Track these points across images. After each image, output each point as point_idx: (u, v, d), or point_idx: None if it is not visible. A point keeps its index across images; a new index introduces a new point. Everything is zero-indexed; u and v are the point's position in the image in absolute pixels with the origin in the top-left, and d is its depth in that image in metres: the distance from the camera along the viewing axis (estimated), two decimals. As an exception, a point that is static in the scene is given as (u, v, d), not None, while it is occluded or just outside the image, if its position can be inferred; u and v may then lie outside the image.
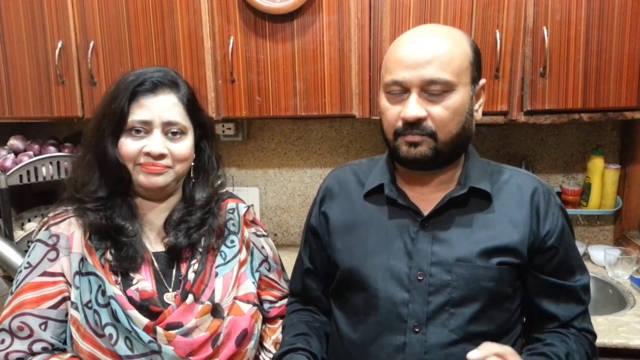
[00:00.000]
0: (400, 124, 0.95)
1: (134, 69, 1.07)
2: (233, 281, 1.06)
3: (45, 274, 0.98)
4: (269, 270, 1.17)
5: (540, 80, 1.56)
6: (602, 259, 1.75)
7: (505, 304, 0.99)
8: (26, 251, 1.03)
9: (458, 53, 0.94)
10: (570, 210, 1.84)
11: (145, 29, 1.69)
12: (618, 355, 1.32)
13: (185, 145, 1.03)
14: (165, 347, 0.94)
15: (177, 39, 1.68)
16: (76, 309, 0.96)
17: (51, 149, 1.87)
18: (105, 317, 0.95)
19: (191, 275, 1.03)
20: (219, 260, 1.07)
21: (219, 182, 1.16)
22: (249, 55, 1.67)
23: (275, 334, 1.16)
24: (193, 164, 1.08)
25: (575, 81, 1.55)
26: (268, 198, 2.17)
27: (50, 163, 1.78)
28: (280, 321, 1.18)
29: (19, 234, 1.75)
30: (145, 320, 0.94)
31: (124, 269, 0.99)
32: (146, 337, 0.93)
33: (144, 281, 1.00)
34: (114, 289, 0.95)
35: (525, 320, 1.08)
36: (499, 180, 1.04)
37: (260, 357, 1.13)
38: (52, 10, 1.73)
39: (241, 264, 1.10)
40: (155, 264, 1.04)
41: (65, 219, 1.02)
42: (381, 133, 1.02)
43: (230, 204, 1.15)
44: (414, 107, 0.92)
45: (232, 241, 1.11)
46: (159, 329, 0.94)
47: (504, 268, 0.96)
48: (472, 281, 0.95)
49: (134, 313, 0.94)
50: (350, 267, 1.03)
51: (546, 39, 1.53)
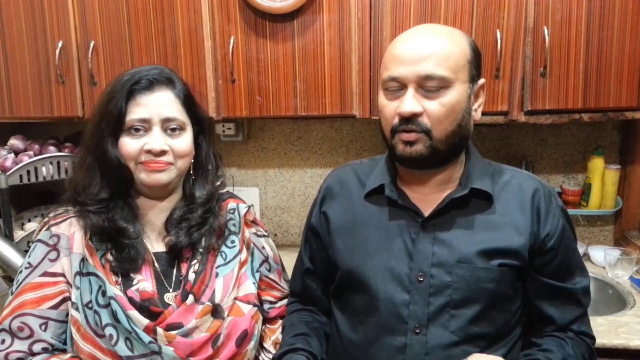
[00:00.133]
0: (396, 120, 0.95)
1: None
2: (233, 282, 1.06)
3: (45, 274, 0.98)
4: (269, 270, 1.17)
5: (540, 80, 1.56)
6: (602, 259, 1.75)
7: (505, 305, 0.98)
8: (26, 251, 1.03)
9: (455, 50, 0.94)
10: (570, 211, 1.82)
11: (146, 28, 1.69)
12: (618, 355, 1.32)
13: (185, 141, 1.03)
14: (165, 348, 0.94)
15: (178, 39, 1.68)
16: (76, 309, 0.96)
17: (51, 148, 1.86)
18: (105, 318, 0.95)
19: (191, 276, 1.03)
20: (220, 260, 1.07)
21: (219, 182, 1.16)
22: (249, 55, 1.67)
23: (275, 334, 1.16)
24: (192, 161, 1.08)
25: (576, 81, 1.55)
26: (268, 198, 2.17)
27: (51, 163, 1.78)
28: (280, 321, 1.18)
29: (19, 234, 1.75)
30: (145, 321, 0.94)
31: (125, 270, 0.99)
32: (146, 338, 0.93)
33: (144, 282, 1.00)
34: (114, 290, 0.95)
35: (525, 322, 1.07)
36: (500, 181, 1.03)
37: (260, 358, 1.13)
38: (53, 9, 1.73)
39: (242, 264, 1.10)
40: (156, 264, 1.04)
41: (65, 219, 1.02)
42: (380, 132, 1.02)
43: (231, 204, 1.15)
44: (409, 102, 0.92)
45: (233, 241, 1.10)
46: (159, 330, 0.94)
47: (505, 269, 0.96)
48: (473, 282, 0.95)
49: (134, 314, 0.94)
50: (351, 268, 1.03)
51: (547, 38, 1.52)
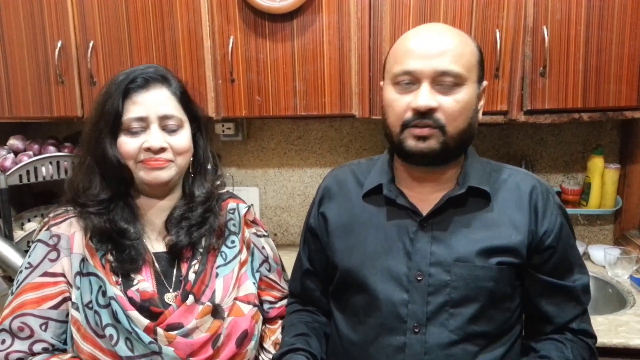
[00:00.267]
0: (409, 114, 0.94)
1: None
2: (233, 282, 1.06)
3: (46, 274, 0.98)
4: (269, 270, 1.17)
5: (540, 80, 1.56)
6: (602, 258, 1.75)
7: (504, 304, 0.98)
8: (26, 251, 1.03)
9: (468, 49, 0.96)
10: (570, 210, 1.83)
11: (145, 28, 1.69)
12: (618, 354, 1.32)
13: (184, 138, 1.03)
14: (165, 348, 0.94)
15: (177, 39, 1.68)
16: (77, 309, 0.96)
17: (51, 148, 1.86)
18: (105, 318, 0.95)
19: (192, 276, 1.03)
20: (220, 260, 1.07)
21: (218, 182, 1.16)
22: (248, 54, 1.67)
23: (274, 334, 1.15)
24: (192, 159, 1.08)
25: (575, 80, 1.55)
26: (268, 198, 2.17)
27: (50, 163, 1.78)
28: (279, 322, 1.18)
29: (18, 234, 1.75)
30: (145, 321, 0.94)
31: (125, 270, 0.99)
32: (146, 338, 0.93)
33: (144, 282, 1.00)
34: (114, 290, 0.96)
35: (524, 321, 1.07)
36: (498, 179, 1.03)
37: (260, 358, 1.13)
38: (52, 10, 1.72)
39: (242, 264, 1.10)
40: (156, 264, 1.04)
41: (66, 220, 1.02)
42: (384, 128, 1.01)
43: (231, 204, 1.15)
44: (426, 96, 0.91)
45: (233, 241, 1.10)
46: (160, 330, 0.94)
47: (504, 268, 0.96)
48: (472, 281, 0.95)
49: (135, 314, 0.94)
50: (350, 268, 1.03)
51: (546, 38, 1.52)
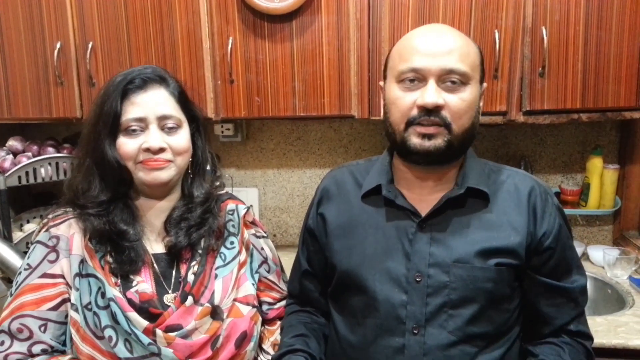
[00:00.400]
0: (415, 112, 0.94)
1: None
2: (232, 283, 1.06)
3: (45, 275, 0.98)
4: (268, 271, 1.17)
5: (539, 80, 1.56)
6: (601, 259, 1.76)
7: (503, 305, 0.98)
8: (25, 252, 1.03)
9: (472, 50, 0.97)
10: (569, 211, 1.84)
11: (144, 29, 1.69)
12: (617, 355, 1.32)
13: (183, 137, 1.03)
14: (164, 350, 0.94)
15: (176, 40, 1.68)
16: (76, 310, 0.96)
17: (50, 149, 1.86)
18: (104, 319, 0.95)
19: (191, 277, 1.03)
20: (219, 261, 1.07)
21: (217, 183, 1.16)
22: (247, 55, 1.67)
23: (273, 335, 1.15)
24: (190, 159, 1.07)
25: (574, 81, 1.55)
26: (267, 199, 2.17)
27: (49, 164, 1.78)
28: (278, 323, 1.18)
29: (17, 235, 1.75)
30: (144, 323, 0.94)
31: (125, 271, 0.99)
32: (145, 340, 0.93)
33: (143, 283, 1.00)
34: (113, 291, 0.95)
35: (523, 322, 1.07)
36: (497, 180, 1.04)
37: (259, 359, 1.12)
38: (51, 10, 1.72)
39: (241, 265, 1.09)
40: (155, 265, 1.04)
41: (65, 221, 1.02)
42: (385, 127, 1.01)
43: (230, 205, 1.15)
44: (433, 94, 0.92)
45: (232, 242, 1.10)
46: (159, 331, 0.94)
47: (502, 269, 0.96)
48: (470, 282, 0.95)
49: (134, 315, 0.94)
50: (348, 269, 1.03)
51: (545, 39, 1.52)
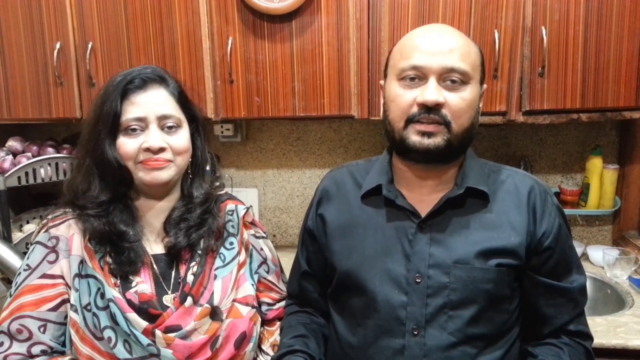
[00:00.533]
0: (415, 109, 0.94)
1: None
2: (232, 283, 1.06)
3: (44, 276, 0.98)
4: (267, 272, 1.17)
5: (538, 80, 1.56)
6: (601, 259, 1.76)
7: (503, 306, 0.98)
8: (25, 253, 1.03)
9: (473, 49, 0.97)
10: (568, 211, 1.84)
11: (144, 29, 1.69)
12: (616, 355, 1.32)
13: (183, 137, 1.03)
14: (164, 350, 0.94)
15: (176, 40, 1.68)
16: (75, 311, 0.96)
17: (50, 150, 1.86)
18: (104, 320, 0.95)
19: (190, 278, 1.03)
20: (218, 262, 1.07)
21: (217, 183, 1.16)
22: (247, 55, 1.66)
23: (273, 336, 1.15)
24: (190, 159, 1.07)
25: (574, 81, 1.55)
26: (267, 199, 2.17)
27: (49, 164, 1.78)
28: (278, 323, 1.18)
29: (17, 236, 1.75)
30: (144, 323, 0.94)
31: (124, 272, 0.99)
32: (145, 340, 0.93)
33: (143, 284, 1.00)
34: (113, 292, 0.95)
35: (522, 322, 1.07)
36: (496, 180, 1.04)
37: None
38: (51, 11, 1.72)
39: (240, 266, 1.09)
40: (155, 266, 1.04)
41: (64, 221, 1.02)
42: (385, 125, 1.01)
43: (230, 206, 1.15)
44: (434, 91, 0.92)
45: (231, 243, 1.10)
46: (158, 332, 0.94)
47: (502, 270, 0.96)
48: (470, 283, 0.95)
49: (133, 316, 0.94)
50: (348, 270, 1.03)
51: (545, 38, 1.52)
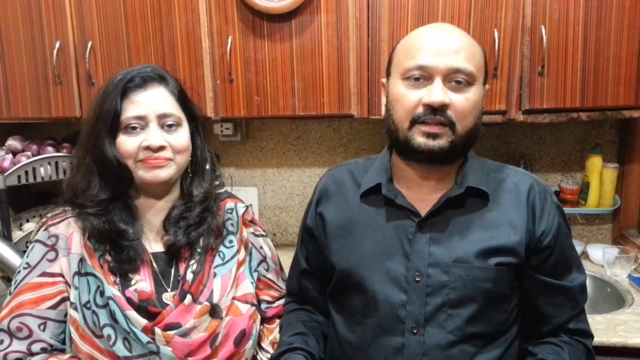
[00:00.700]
0: (420, 110, 0.93)
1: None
2: (231, 281, 1.06)
3: (44, 274, 0.98)
4: (267, 270, 1.17)
5: (538, 79, 1.56)
6: (601, 257, 1.76)
7: (502, 305, 0.98)
8: (24, 252, 1.03)
9: (478, 50, 0.97)
10: (568, 209, 1.84)
11: (143, 28, 1.69)
12: (616, 353, 1.32)
13: (182, 136, 1.03)
14: (163, 348, 0.94)
15: (175, 39, 1.68)
16: (75, 309, 0.96)
17: (49, 149, 1.86)
18: (103, 318, 0.95)
19: (189, 276, 1.03)
20: (218, 260, 1.07)
21: (217, 182, 1.16)
22: (247, 54, 1.67)
23: (272, 334, 1.15)
24: (190, 158, 1.07)
25: (574, 80, 1.55)
26: (267, 198, 2.17)
27: (49, 163, 1.78)
28: (277, 321, 1.18)
29: (17, 235, 1.75)
30: (143, 321, 0.94)
31: (124, 270, 0.99)
32: (144, 338, 0.93)
33: (142, 282, 1.00)
34: (112, 290, 0.95)
35: (522, 321, 1.07)
36: (496, 179, 1.03)
37: (258, 357, 1.12)
38: (50, 10, 1.72)
39: (239, 264, 1.09)
40: (154, 264, 1.04)
41: (64, 220, 1.02)
42: (388, 124, 1.00)
43: (229, 204, 1.15)
44: (440, 92, 0.91)
45: (231, 241, 1.10)
46: (157, 330, 0.94)
47: (502, 269, 0.96)
48: (470, 282, 0.95)
49: (132, 314, 0.94)
50: (347, 269, 1.03)
51: (544, 38, 1.52)
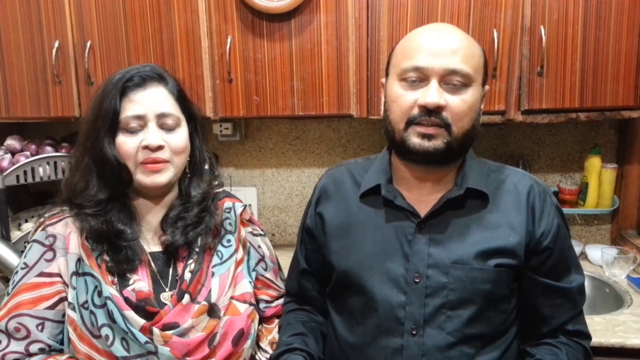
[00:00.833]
0: (416, 111, 0.93)
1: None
2: (229, 281, 1.06)
3: (42, 274, 0.98)
4: (265, 269, 1.17)
5: (537, 80, 1.56)
6: (599, 258, 1.76)
7: (502, 306, 0.98)
8: (23, 252, 1.03)
9: (477, 51, 0.96)
10: (567, 210, 1.84)
11: (143, 28, 1.69)
12: (615, 354, 1.32)
13: (181, 136, 1.03)
14: (161, 348, 0.94)
15: (175, 38, 1.68)
16: (73, 309, 0.96)
17: (48, 149, 1.86)
18: (101, 318, 0.94)
19: (187, 275, 1.03)
20: (216, 259, 1.07)
21: (216, 182, 1.16)
22: (246, 54, 1.66)
23: (271, 333, 1.15)
24: (188, 158, 1.07)
25: (573, 80, 1.55)
26: (266, 198, 2.17)
27: (48, 163, 1.78)
28: (276, 321, 1.18)
29: (15, 235, 1.74)
30: (141, 321, 0.94)
31: (122, 270, 0.99)
32: (142, 338, 0.93)
33: (140, 281, 1.00)
34: (110, 290, 0.95)
35: (520, 322, 1.07)
36: (496, 180, 1.03)
37: (257, 357, 1.12)
38: (49, 9, 1.72)
39: (238, 263, 1.09)
40: (152, 264, 1.03)
41: (61, 220, 1.02)
42: (385, 124, 1.00)
43: (227, 203, 1.15)
44: (435, 94, 0.91)
45: (229, 240, 1.10)
46: (155, 330, 0.94)
47: (501, 270, 0.96)
48: (469, 283, 0.95)
49: (130, 314, 0.94)
50: (347, 270, 1.03)
51: (543, 38, 1.52)
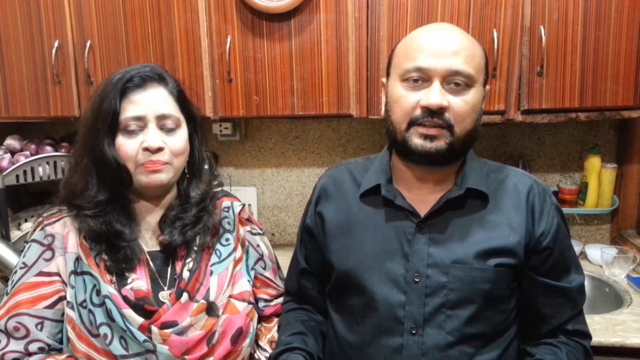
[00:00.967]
0: (418, 112, 0.93)
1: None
2: (228, 279, 1.06)
3: (41, 273, 0.98)
4: (264, 268, 1.17)
5: (537, 80, 1.56)
6: (599, 257, 1.76)
7: (501, 305, 0.98)
8: (22, 251, 1.03)
9: (478, 52, 0.96)
10: (567, 210, 1.84)
11: (142, 28, 1.69)
12: (615, 354, 1.32)
13: (181, 138, 1.03)
14: (160, 346, 0.94)
15: (174, 38, 1.68)
16: (72, 308, 0.96)
17: (48, 148, 1.86)
18: (100, 317, 0.94)
19: (186, 274, 1.03)
20: (214, 258, 1.07)
21: (215, 182, 1.16)
22: (246, 54, 1.66)
23: (270, 332, 1.15)
24: (187, 159, 1.07)
25: (573, 80, 1.55)
26: (265, 198, 2.17)
27: (47, 163, 1.78)
28: (275, 320, 1.18)
29: (15, 234, 1.74)
30: (140, 320, 0.94)
31: (120, 269, 0.99)
32: (141, 337, 0.93)
33: (138, 280, 1.00)
34: (108, 288, 0.95)
35: (520, 322, 1.06)
36: (496, 180, 1.03)
37: (256, 356, 1.12)
38: (49, 9, 1.72)
39: (236, 262, 1.09)
40: (151, 263, 1.03)
41: (60, 219, 1.02)
42: (386, 125, 1.00)
43: (225, 203, 1.15)
44: (438, 95, 0.91)
45: (227, 239, 1.10)
46: (154, 328, 0.94)
47: (501, 270, 0.96)
48: (469, 283, 0.95)
49: (129, 312, 0.94)
50: (346, 269, 1.03)
51: (543, 38, 1.52)
